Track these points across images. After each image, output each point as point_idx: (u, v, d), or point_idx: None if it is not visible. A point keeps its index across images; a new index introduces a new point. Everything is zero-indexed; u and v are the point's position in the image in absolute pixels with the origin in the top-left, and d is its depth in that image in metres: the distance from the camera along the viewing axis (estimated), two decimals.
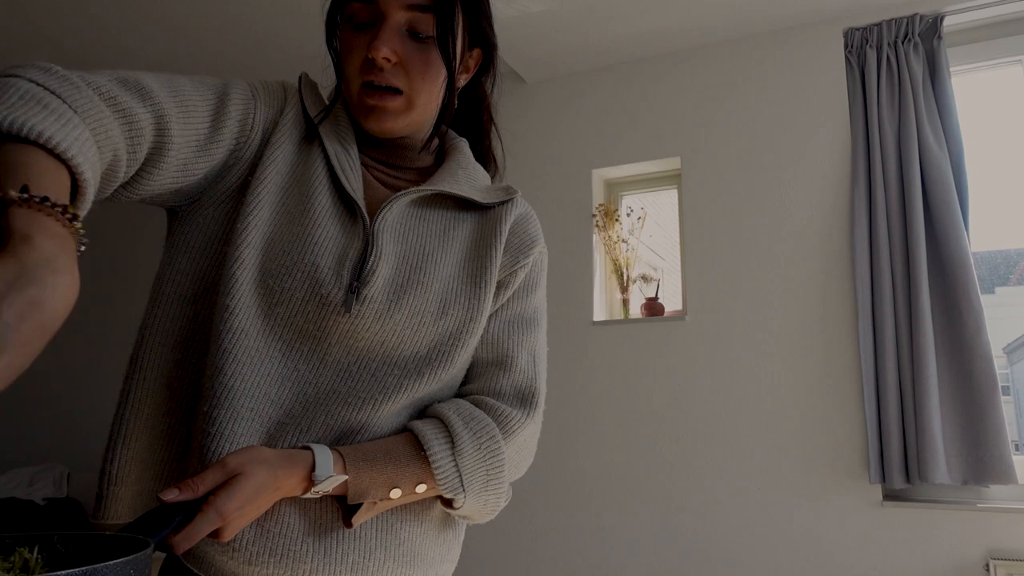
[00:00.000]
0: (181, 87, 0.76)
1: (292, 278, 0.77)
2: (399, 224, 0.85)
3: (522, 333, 0.91)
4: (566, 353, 2.67)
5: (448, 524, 0.89)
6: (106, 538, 0.58)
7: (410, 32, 0.82)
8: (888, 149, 2.28)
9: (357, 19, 0.82)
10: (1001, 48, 2.36)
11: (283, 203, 0.81)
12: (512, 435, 0.84)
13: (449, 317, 0.84)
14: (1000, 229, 2.73)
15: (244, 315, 0.76)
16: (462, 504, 0.82)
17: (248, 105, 0.83)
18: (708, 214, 2.57)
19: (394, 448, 0.79)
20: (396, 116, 0.84)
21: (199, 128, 0.77)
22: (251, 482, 0.68)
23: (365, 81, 0.82)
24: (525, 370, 0.88)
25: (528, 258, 0.92)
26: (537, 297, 0.95)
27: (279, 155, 0.83)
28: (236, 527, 0.69)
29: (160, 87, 0.73)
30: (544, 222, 0.86)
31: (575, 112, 2.85)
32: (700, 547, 2.38)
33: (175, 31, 2.67)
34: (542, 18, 2.49)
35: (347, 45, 0.83)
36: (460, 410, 0.82)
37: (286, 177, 0.83)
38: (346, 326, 0.79)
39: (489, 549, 2.63)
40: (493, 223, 0.91)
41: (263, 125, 0.84)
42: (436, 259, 0.86)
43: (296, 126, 0.86)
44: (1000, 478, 2.01)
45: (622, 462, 2.53)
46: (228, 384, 0.75)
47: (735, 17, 2.51)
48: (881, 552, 2.17)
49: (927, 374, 2.08)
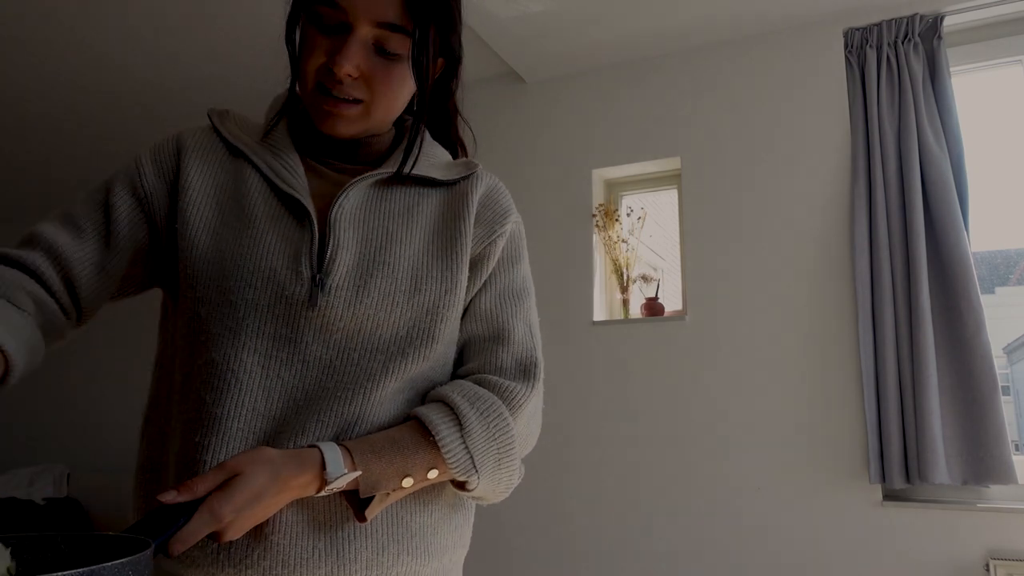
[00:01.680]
0: (72, 213, 0.84)
1: (253, 288, 0.78)
2: (357, 210, 0.85)
3: (514, 304, 0.90)
4: (566, 353, 2.67)
5: (458, 508, 0.88)
6: (108, 539, 0.58)
7: (376, 47, 0.80)
8: (888, 149, 2.28)
9: (324, 21, 0.80)
10: (1001, 48, 2.36)
11: (223, 223, 0.83)
12: (519, 409, 0.83)
13: (423, 293, 0.83)
14: (1000, 229, 2.72)
15: (214, 342, 0.78)
16: (476, 485, 0.80)
17: (132, 176, 0.86)
18: (708, 214, 2.57)
19: (401, 437, 0.78)
20: (352, 122, 0.83)
21: (94, 242, 0.83)
22: (251, 483, 0.68)
23: (322, 86, 0.81)
24: (523, 341, 0.88)
25: (504, 227, 0.91)
26: (523, 268, 0.94)
27: (198, 185, 0.85)
28: (238, 529, 0.69)
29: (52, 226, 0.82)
30: (544, 222, 0.86)
31: (575, 112, 2.85)
32: (700, 546, 2.38)
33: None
34: (542, 18, 2.49)
35: (309, 42, 0.81)
36: (464, 391, 0.81)
37: (218, 200, 0.85)
38: (318, 320, 0.79)
39: (489, 548, 2.63)
40: (459, 197, 0.90)
41: (161, 185, 0.86)
42: (400, 238, 0.85)
43: (208, 153, 0.88)
44: (1000, 478, 2.01)
45: (622, 462, 2.53)
46: (212, 412, 0.75)
47: (735, 17, 2.51)
48: (881, 552, 2.17)
49: (927, 374, 2.08)
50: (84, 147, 3.66)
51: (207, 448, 0.75)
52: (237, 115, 0.93)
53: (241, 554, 0.74)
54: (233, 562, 0.74)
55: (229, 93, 3.10)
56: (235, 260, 0.79)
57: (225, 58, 2.84)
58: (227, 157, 0.88)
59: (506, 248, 0.92)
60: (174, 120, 3.36)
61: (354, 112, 0.82)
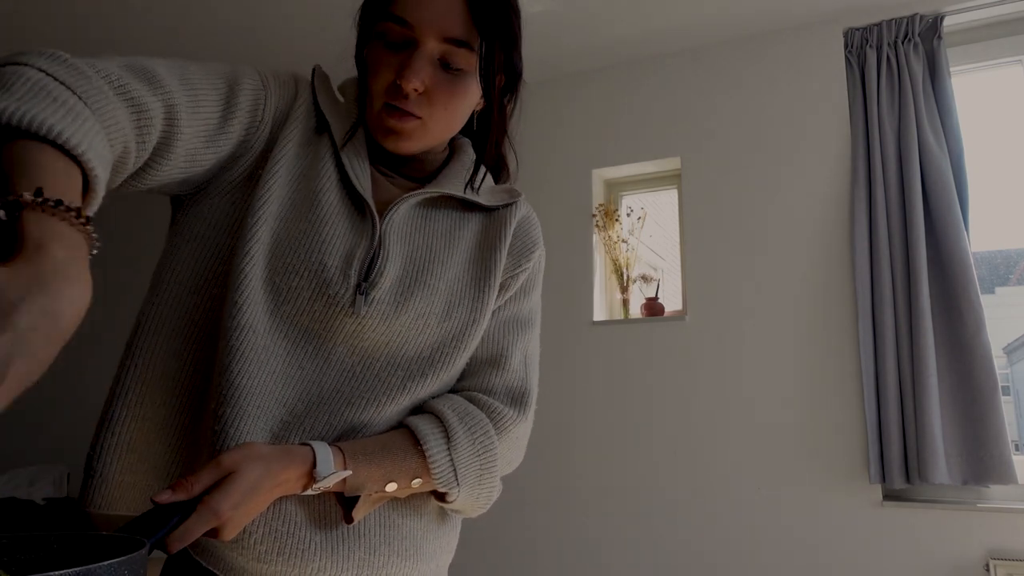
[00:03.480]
0: (191, 75, 0.75)
1: (299, 277, 0.78)
2: (405, 225, 0.86)
3: (517, 334, 0.92)
4: (566, 353, 2.67)
5: (446, 517, 0.91)
6: (102, 538, 0.58)
7: (442, 63, 0.80)
8: (888, 149, 2.28)
9: (389, 38, 0.80)
10: (1001, 48, 2.36)
11: (291, 197, 0.81)
12: (505, 432, 0.85)
13: (453, 319, 0.85)
14: (1000, 229, 2.72)
15: (251, 312, 0.76)
16: (455, 498, 0.83)
17: (259, 95, 0.81)
18: (708, 214, 2.57)
19: (391, 443, 0.80)
20: (411, 139, 0.84)
21: (208, 119, 0.76)
22: (246, 480, 0.68)
23: (388, 103, 0.81)
24: (517, 370, 0.90)
25: (530, 261, 0.93)
26: (534, 299, 0.96)
27: (289, 148, 0.82)
28: (235, 526, 0.69)
29: (170, 75, 0.72)
30: (544, 222, 0.86)
31: (575, 112, 2.85)
32: (700, 547, 2.38)
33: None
34: (542, 18, 2.49)
35: (376, 61, 0.82)
36: (455, 406, 0.83)
37: (294, 171, 0.82)
38: (352, 326, 0.79)
39: (487, 547, 2.63)
40: (498, 225, 0.92)
41: (273, 116, 0.83)
42: (442, 260, 0.86)
43: (306, 119, 0.85)
44: (1000, 478, 2.01)
45: (621, 462, 2.53)
46: (235, 382, 0.74)
47: (735, 17, 2.51)
48: (881, 552, 2.17)
49: (927, 374, 2.08)
50: None
51: (220, 418, 0.74)
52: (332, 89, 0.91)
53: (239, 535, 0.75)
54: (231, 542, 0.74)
55: None
56: (290, 243, 0.78)
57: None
58: (313, 132, 0.86)
59: (526, 281, 0.94)
60: None
61: (414, 126, 0.82)
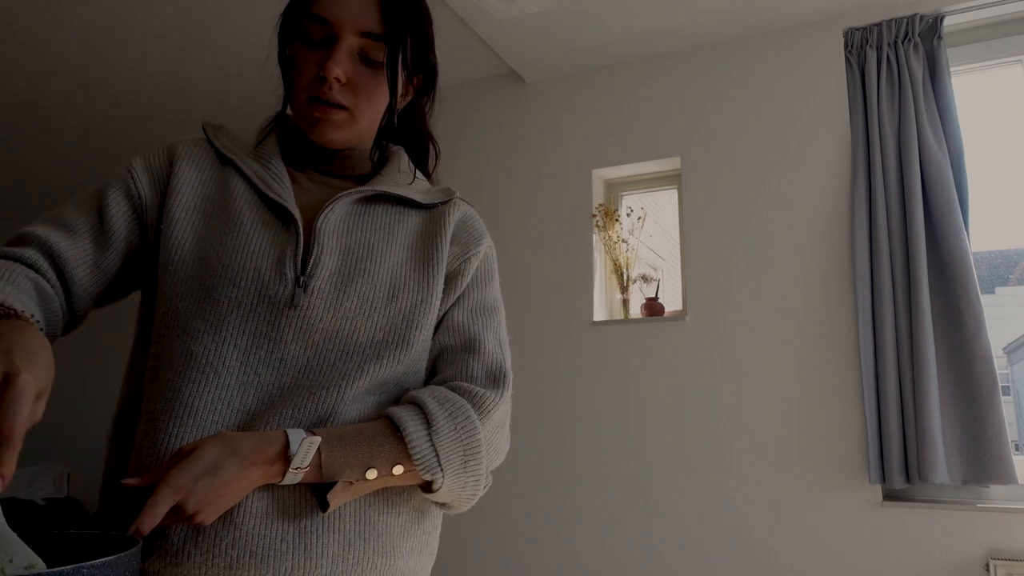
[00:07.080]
0: (63, 216, 0.86)
1: (236, 287, 0.82)
2: (342, 222, 0.90)
3: (486, 319, 0.96)
4: (566, 353, 2.67)
5: (426, 515, 0.91)
6: (96, 537, 0.58)
7: (361, 56, 0.88)
8: (888, 149, 2.28)
9: (311, 36, 0.88)
10: (1001, 48, 2.36)
11: (209, 225, 0.87)
12: (487, 414, 0.86)
13: (400, 300, 0.88)
14: (1000, 229, 2.72)
15: (193, 335, 0.80)
16: (440, 486, 0.82)
17: (128, 186, 0.89)
18: (708, 214, 2.57)
19: (369, 430, 0.81)
20: (339, 128, 0.90)
21: (88, 242, 0.85)
22: (204, 456, 0.70)
23: (313, 95, 0.87)
24: (493, 352, 0.93)
25: (478, 248, 0.98)
26: (494, 288, 1.01)
27: (186, 190, 0.89)
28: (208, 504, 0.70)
29: (43, 227, 0.84)
30: (544, 222, 0.87)
31: (575, 112, 2.85)
32: (700, 547, 2.38)
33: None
34: (542, 18, 2.49)
35: (299, 58, 0.89)
36: (435, 394, 0.85)
37: (204, 205, 0.89)
38: (299, 320, 0.82)
39: (486, 547, 2.63)
40: (437, 218, 0.97)
41: (151, 183, 0.90)
42: (381, 249, 0.91)
43: (199, 164, 0.92)
44: (1000, 478, 2.01)
45: (621, 462, 2.53)
46: (188, 402, 0.78)
47: (735, 17, 2.51)
48: (881, 552, 2.17)
49: (927, 374, 2.08)
50: (84, 144, 3.67)
51: (178, 438, 0.76)
52: (230, 131, 1.00)
53: (209, 543, 0.75)
54: (201, 550, 0.74)
55: (231, 91, 3.10)
56: (220, 259, 0.83)
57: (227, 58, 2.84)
58: (216, 165, 0.93)
59: (479, 268, 0.98)
60: (175, 118, 3.36)
61: (341, 118, 0.89)
